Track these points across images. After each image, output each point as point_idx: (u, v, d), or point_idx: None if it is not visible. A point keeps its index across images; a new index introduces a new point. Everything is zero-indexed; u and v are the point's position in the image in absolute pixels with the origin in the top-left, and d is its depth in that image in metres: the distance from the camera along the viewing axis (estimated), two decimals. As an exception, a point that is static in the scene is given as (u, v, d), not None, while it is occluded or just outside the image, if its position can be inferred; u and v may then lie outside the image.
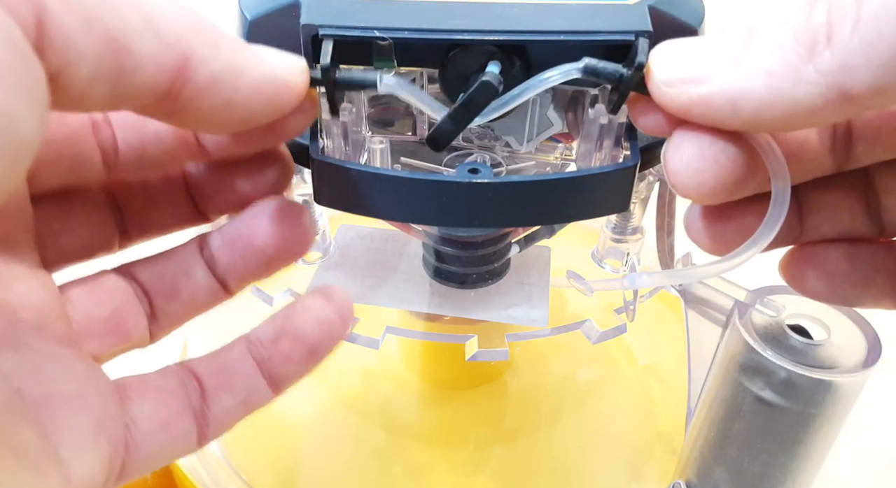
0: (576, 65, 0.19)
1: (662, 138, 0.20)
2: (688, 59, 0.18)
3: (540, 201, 0.20)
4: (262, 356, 0.21)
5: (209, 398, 0.20)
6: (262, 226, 0.21)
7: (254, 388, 0.21)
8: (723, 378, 0.25)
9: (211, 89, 0.16)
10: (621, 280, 0.25)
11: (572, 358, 0.41)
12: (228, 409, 0.21)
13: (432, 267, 0.28)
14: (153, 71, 0.15)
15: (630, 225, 0.31)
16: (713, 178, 0.19)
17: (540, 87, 0.20)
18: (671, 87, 0.18)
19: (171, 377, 0.20)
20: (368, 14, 0.21)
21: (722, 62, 0.17)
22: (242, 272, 0.22)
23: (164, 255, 0.22)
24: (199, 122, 0.17)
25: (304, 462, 0.37)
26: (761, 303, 0.24)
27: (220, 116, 0.17)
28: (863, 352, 0.23)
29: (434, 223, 0.26)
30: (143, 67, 0.15)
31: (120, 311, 0.20)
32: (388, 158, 0.25)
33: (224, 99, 0.17)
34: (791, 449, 0.25)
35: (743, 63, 0.17)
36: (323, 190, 0.21)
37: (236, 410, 0.21)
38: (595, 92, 0.22)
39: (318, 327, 0.21)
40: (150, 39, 0.15)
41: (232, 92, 0.17)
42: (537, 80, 0.20)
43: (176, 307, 0.21)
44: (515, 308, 0.28)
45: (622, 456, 0.36)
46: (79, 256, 0.21)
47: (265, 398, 0.21)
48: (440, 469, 0.36)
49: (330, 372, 0.39)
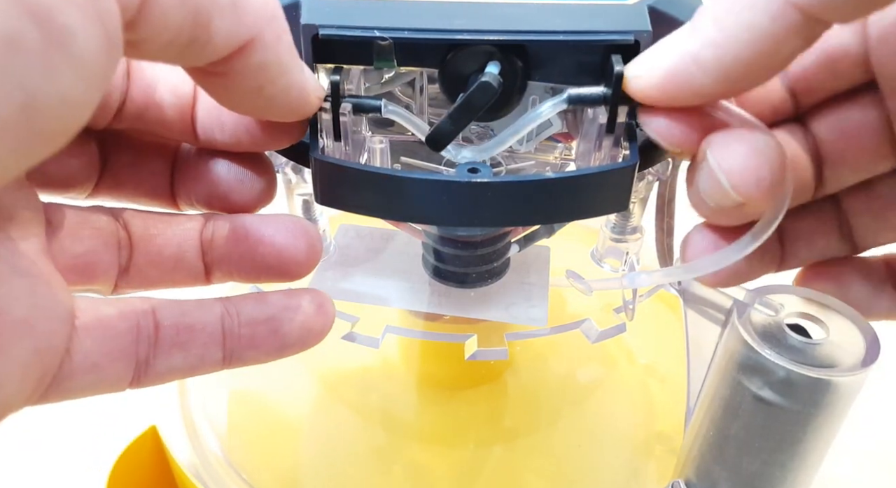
0: (561, 97, 0.21)
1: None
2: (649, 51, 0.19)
3: (539, 201, 0.20)
4: (232, 331, 0.20)
5: (160, 352, 0.20)
6: (275, 239, 0.21)
7: (208, 357, 0.20)
8: (722, 377, 0.25)
9: (255, 74, 0.17)
10: (620, 279, 0.25)
11: (572, 357, 0.41)
12: (174, 367, 0.20)
13: (432, 266, 0.28)
14: (222, 46, 0.16)
15: (629, 224, 0.31)
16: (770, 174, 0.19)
17: (532, 124, 0.21)
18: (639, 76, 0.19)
19: (129, 318, 0.19)
20: (369, 14, 0.21)
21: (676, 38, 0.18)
22: (232, 269, 0.21)
23: (166, 217, 0.22)
24: (223, 92, 0.18)
25: (305, 460, 0.37)
26: (760, 303, 0.24)
27: (244, 97, 0.18)
28: (861, 352, 0.23)
29: (434, 222, 0.26)
30: (214, 42, 0.16)
31: (94, 253, 0.20)
32: (388, 158, 0.25)
33: (258, 86, 0.17)
34: (790, 448, 0.25)
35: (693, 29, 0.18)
36: (323, 189, 0.22)
37: (181, 370, 0.20)
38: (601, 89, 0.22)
39: (301, 332, 0.21)
40: (230, 18, 0.16)
41: (268, 84, 0.18)
42: (528, 118, 0.21)
43: (152, 271, 0.21)
44: (515, 307, 0.28)
45: (622, 455, 0.36)
46: (55, 186, 0.21)
47: (213, 368, 0.21)
48: (440, 468, 0.36)
49: (330, 370, 0.39)
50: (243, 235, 0.21)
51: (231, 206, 0.22)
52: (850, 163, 0.21)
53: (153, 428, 0.34)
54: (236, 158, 0.22)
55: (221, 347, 0.20)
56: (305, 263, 0.21)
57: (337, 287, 0.29)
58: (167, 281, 0.21)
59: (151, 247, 0.21)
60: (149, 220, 0.21)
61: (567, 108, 0.21)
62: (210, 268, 0.22)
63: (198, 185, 0.22)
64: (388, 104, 0.21)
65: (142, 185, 0.22)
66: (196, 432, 0.35)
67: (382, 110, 0.21)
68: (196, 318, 0.20)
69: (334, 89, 0.20)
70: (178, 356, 0.20)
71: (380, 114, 0.21)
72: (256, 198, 0.22)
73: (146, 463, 0.34)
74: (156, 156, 0.22)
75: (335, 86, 0.20)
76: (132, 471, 0.33)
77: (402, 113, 0.21)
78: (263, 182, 0.22)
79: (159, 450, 0.34)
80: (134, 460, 0.33)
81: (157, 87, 0.21)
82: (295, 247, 0.21)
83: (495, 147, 0.22)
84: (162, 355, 0.20)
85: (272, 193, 0.23)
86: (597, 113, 0.21)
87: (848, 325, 0.24)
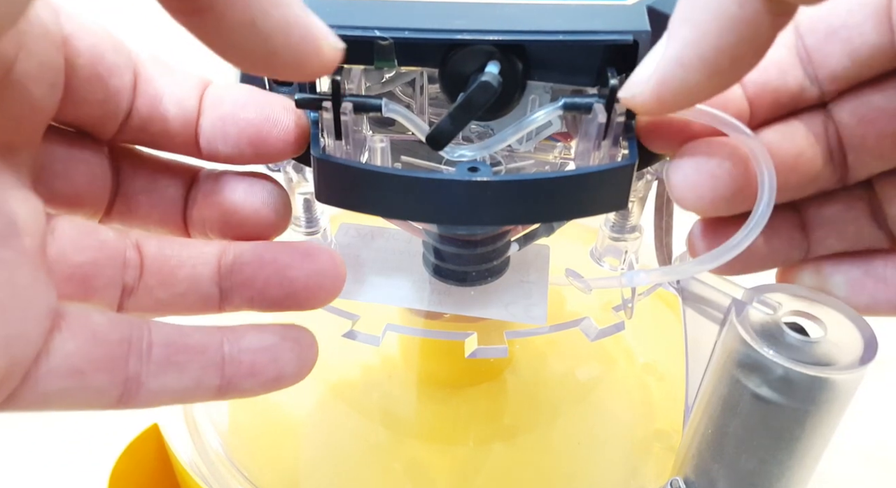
0: (556, 104, 0.21)
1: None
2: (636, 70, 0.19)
3: (539, 199, 0.20)
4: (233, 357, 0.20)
5: (153, 370, 0.19)
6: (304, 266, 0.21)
7: (205, 381, 0.19)
8: (720, 375, 0.25)
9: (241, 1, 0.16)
10: (619, 278, 0.25)
11: (571, 355, 0.41)
12: (167, 388, 0.19)
13: (432, 265, 0.28)
14: None
15: (628, 223, 0.31)
16: (711, 191, 0.21)
17: (527, 128, 0.22)
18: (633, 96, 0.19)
19: (121, 329, 0.18)
20: (369, 14, 0.21)
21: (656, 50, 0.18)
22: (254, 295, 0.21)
23: (183, 240, 0.21)
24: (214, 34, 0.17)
25: (306, 458, 0.37)
26: (758, 301, 0.24)
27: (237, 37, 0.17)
28: (859, 350, 0.23)
29: (434, 221, 0.26)
30: None
31: (95, 265, 0.19)
32: (389, 157, 0.25)
33: (249, 19, 0.16)
34: (788, 445, 0.25)
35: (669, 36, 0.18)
36: (324, 188, 0.22)
37: (176, 393, 0.19)
38: (594, 91, 0.22)
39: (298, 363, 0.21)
40: None
41: (261, 16, 0.16)
42: (523, 123, 0.22)
43: (162, 294, 0.21)
44: (515, 305, 0.29)
45: (621, 453, 0.37)
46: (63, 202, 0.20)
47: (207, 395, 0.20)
48: (440, 466, 0.36)
49: (330, 368, 0.39)
50: (270, 260, 0.21)
51: (246, 235, 0.22)
52: (871, 149, 0.21)
53: (155, 426, 0.34)
54: (252, 186, 0.22)
55: (220, 373, 0.20)
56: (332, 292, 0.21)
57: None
58: (178, 305, 0.21)
59: (164, 268, 0.20)
60: (164, 241, 0.21)
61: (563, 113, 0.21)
62: (226, 295, 0.21)
63: (212, 213, 0.22)
64: (388, 103, 0.21)
65: (154, 211, 0.22)
66: (198, 430, 0.35)
67: (383, 109, 0.21)
68: (196, 340, 0.19)
69: (335, 88, 0.20)
70: (174, 376, 0.19)
71: (381, 113, 0.21)
72: (272, 227, 0.22)
73: (148, 461, 0.34)
74: (170, 181, 0.22)
75: (336, 85, 0.20)
76: (134, 470, 0.33)
77: (402, 112, 0.21)
78: (279, 211, 0.22)
79: (161, 449, 0.34)
80: (136, 458, 0.33)
81: (162, 99, 0.20)
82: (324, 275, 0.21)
83: (493, 146, 0.22)
84: (155, 373, 0.19)
85: (287, 222, 0.23)
86: (596, 112, 0.21)
87: (846, 323, 0.24)
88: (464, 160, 0.22)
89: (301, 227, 0.30)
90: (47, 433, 0.40)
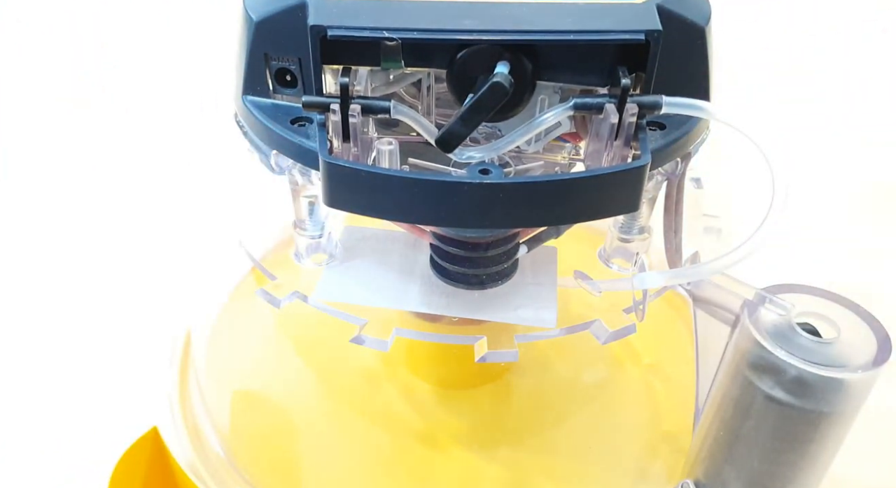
0: (566, 105, 0.21)
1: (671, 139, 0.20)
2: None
3: (551, 202, 0.20)
4: None
5: None
6: None
7: None
8: (732, 377, 0.25)
9: None
10: (631, 279, 0.25)
11: (576, 358, 0.41)
12: None
13: (440, 268, 0.28)
14: None
15: (637, 224, 0.31)
16: None
17: (536, 129, 0.22)
18: None
19: None
20: (376, 14, 0.21)
21: None
22: None
23: None
24: None
25: (308, 461, 0.36)
26: (770, 302, 0.24)
27: None
28: (873, 350, 0.23)
29: (444, 224, 0.26)
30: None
31: None
32: (398, 159, 0.25)
33: None
34: (801, 447, 0.25)
35: None
36: (332, 191, 0.21)
37: None
38: (604, 91, 0.22)
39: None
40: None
41: None
42: (533, 124, 0.22)
43: None
44: (524, 308, 0.28)
45: (628, 455, 0.36)
46: None
47: None
48: (444, 469, 0.35)
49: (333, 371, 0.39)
50: None
51: None
52: None
53: (154, 429, 0.34)
54: None
55: None
56: None
57: (344, 289, 0.29)
58: None
59: None
60: None
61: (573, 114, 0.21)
62: None
63: None
64: (397, 105, 0.21)
65: None
66: (198, 433, 0.35)
67: (392, 111, 0.21)
68: None
69: (344, 91, 0.20)
70: None
71: (389, 115, 0.21)
72: None
73: (148, 464, 0.34)
74: None
75: (344, 87, 0.20)
76: (134, 473, 0.33)
77: (411, 114, 0.21)
78: None
79: (161, 452, 0.34)
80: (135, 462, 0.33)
81: None
82: None
83: (502, 147, 0.22)
84: None
85: None
86: (607, 112, 0.21)
87: (859, 324, 0.24)
88: (473, 162, 0.22)
89: (306, 231, 0.30)
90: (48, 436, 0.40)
